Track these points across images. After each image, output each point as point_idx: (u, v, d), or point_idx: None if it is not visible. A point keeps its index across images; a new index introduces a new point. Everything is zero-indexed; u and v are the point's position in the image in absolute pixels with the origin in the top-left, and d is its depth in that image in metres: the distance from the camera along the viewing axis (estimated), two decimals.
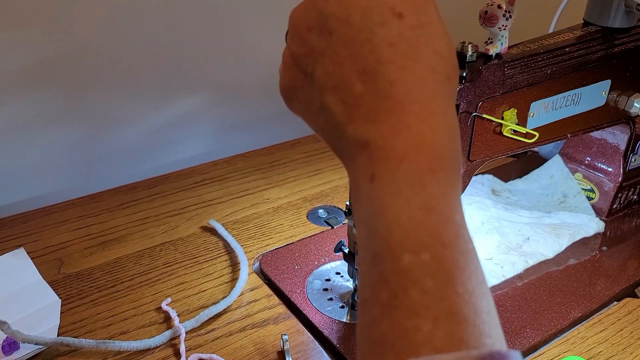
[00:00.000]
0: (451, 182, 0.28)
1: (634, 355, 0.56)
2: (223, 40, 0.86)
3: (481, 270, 0.27)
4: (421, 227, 0.26)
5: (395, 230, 0.26)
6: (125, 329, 0.58)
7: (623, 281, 0.65)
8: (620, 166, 0.73)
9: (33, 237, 0.70)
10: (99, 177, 0.84)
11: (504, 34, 0.54)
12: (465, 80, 0.52)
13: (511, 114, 0.57)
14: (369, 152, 0.29)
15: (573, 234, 0.71)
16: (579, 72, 0.61)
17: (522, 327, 0.58)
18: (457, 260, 0.26)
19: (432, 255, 0.26)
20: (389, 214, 0.27)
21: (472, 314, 0.25)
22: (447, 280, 0.25)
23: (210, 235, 0.71)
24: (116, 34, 0.77)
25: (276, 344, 0.56)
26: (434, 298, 0.25)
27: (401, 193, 0.27)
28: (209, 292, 0.63)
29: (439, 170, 0.27)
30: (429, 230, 0.26)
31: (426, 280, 0.25)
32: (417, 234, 0.26)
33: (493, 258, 0.66)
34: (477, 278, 0.26)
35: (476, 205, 0.73)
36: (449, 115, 0.29)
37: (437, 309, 0.25)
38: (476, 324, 0.25)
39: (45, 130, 0.78)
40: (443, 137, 0.28)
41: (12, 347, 0.54)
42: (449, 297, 0.25)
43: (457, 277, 0.25)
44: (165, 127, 0.88)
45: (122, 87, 0.81)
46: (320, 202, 0.78)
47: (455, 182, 0.28)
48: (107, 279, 0.64)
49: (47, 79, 0.75)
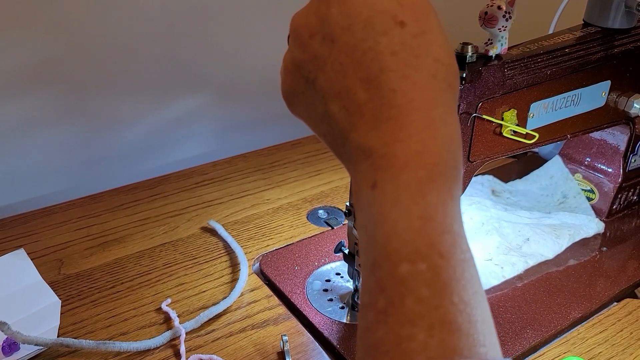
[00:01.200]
0: (450, 190, 0.28)
1: (634, 355, 0.56)
2: (223, 40, 0.86)
3: (477, 279, 0.28)
4: (419, 237, 0.26)
5: (394, 238, 0.27)
6: (126, 329, 0.58)
7: (623, 282, 0.65)
8: (620, 167, 0.73)
9: (33, 237, 0.70)
10: (99, 177, 0.85)
11: (504, 35, 0.54)
12: (465, 81, 0.52)
13: (511, 114, 0.57)
14: (371, 159, 0.29)
15: (573, 234, 0.71)
16: (579, 73, 0.61)
17: (522, 327, 0.59)
18: (454, 270, 0.26)
19: (428, 265, 0.26)
20: (388, 223, 0.27)
21: (466, 323, 0.25)
22: (442, 290, 0.26)
23: (211, 236, 0.71)
24: (116, 34, 0.77)
25: (276, 344, 0.56)
26: (429, 307, 0.25)
27: (401, 202, 0.27)
28: (209, 292, 0.63)
29: (438, 179, 0.28)
30: (427, 240, 0.26)
31: (422, 289, 0.25)
32: (415, 243, 0.26)
33: (493, 259, 0.66)
34: (472, 287, 0.27)
35: (476, 205, 0.73)
36: (450, 123, 0.30)
37: (431, 318, 0.25)
38: (470, 334, 0.25)
39: (45, 131, 0.78)
40: (443, 146, 0.29)
41: (12, 347, 0.54)
42: (444, 307, 0.25)
43: (452, 287, 0.26)
44: (165, 127, 0.88)
45: (122, 87, 0.81)
46: (320, 202, 0.78)
47: (454, 190, 0.29)
48: (107, 279, 0.64)
49: (47, 79, 0.75)
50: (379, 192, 0.28)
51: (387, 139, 0.28)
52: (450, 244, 0.27)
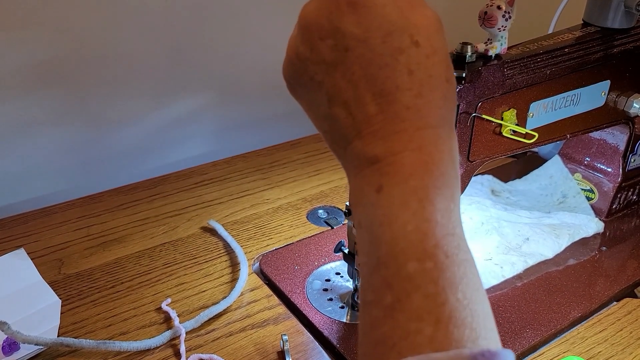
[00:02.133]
0: (453, 198, 0.30)
1: (634, 355, 0.56)
2: (223, 40, 0.86)
3: (478, 278, 0.29)
4: (426, 238, 0.28)
5: (401, 239, 0.28)
6: (126, 329, 0.58)
7: (622, 281, 0.65)
8: (619, 166, 0.73)
9: (33, 237, 0.70)
10: (99, 177, 0.85)
11: (504, 35, 0.54)
12: (464, 81, 0.52)
13: (511, 114, 0.57)
14: (377, 165, 0.30)
15: (572, 234, 0.71)
16: (579, 73, 0.61)
17: (521, 327, 0.59)
18: (458, 269, 0.28)
19: (435, 264, 0.27)
20: (395, 224, 0.28)
21: (469, 317, 0.27)
22: (448, 287, 0.27)
23: (210, 236, 0.71)
24: (116, 34, 0.78)
25: (276, 344, 0.56)
26: (436, 303, 0.26)
27: (409, 205, 0.28)
28: (209, 292, 0.63)
29: (444, 187, 0.29)
30: (433, 241, 0.28)
31: (429, 286, 0.27)
32: (422, 243, 0.28)
33: (493, 258, 0.66)
34: (474, 285, 0.28)
35: (476, 205, 0.73)
36: (452, 138, 0.31)
37: (438, 313, 0.26)
38: (473, 327, 0.26)
39: (45, 131, 0.78)
40: (447, 159, 0.30)
41: (12, 347, 0.54)
42: (450, 303, 0.26)
43: (457, 284, 0.27)
44: (165, 127, 0.88)
45: (122, 87, 0.81)
46: (320, 202, 0.78)
47: (456, 199, 0.31)
48: (107, 279, 0.64)
49: (47, 79, 0.75)
50: (385, 196, 0.29)
51: (396, 149, 0.30)
52: (454, 246, 0.28)
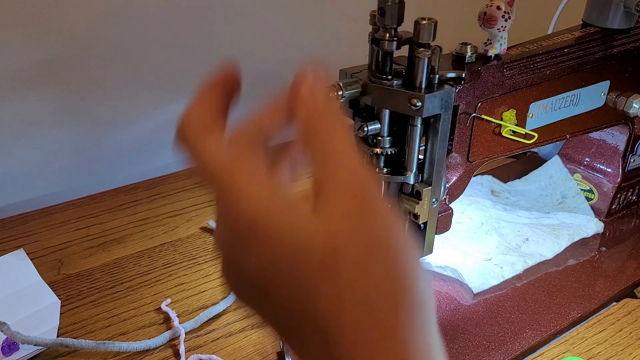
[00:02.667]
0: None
1: (633, 355, 0.56)
2: (223, 40, 0.86)
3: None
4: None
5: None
6: (125, 329, 0.58)
7: (622, 282, 0.65)
8: (619, 167, 0.73)
9: (33, 237, 0.70)
10: (98, 177, 0.85)
11: (503, 35, 0.54)
12: (464, 81, 0.52)
13: (510, 114, 0.57)
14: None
15: (572, 234, 0.71)
16: (578, 73, 0.61)
17: (521, 327, 0.59)
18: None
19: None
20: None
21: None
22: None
23: (210, 236, 0.71)
24: (116, 35, 0.77)
25: (276, 344, 0.56)
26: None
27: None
28: (208, 292, 0.63)
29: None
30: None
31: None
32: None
33: (492, 258, 0.66)
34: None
35: (475, 205, 0.73)
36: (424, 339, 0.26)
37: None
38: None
39: (45, 131, 0.78)
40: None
41: (11, 348, 0.54)
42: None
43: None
44: (165, 127, 0.88)
45: (122, 87, 0.81)
46: None
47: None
48: (106, 279, 0.64)
49: (46, 79, 0.75)
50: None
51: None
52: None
